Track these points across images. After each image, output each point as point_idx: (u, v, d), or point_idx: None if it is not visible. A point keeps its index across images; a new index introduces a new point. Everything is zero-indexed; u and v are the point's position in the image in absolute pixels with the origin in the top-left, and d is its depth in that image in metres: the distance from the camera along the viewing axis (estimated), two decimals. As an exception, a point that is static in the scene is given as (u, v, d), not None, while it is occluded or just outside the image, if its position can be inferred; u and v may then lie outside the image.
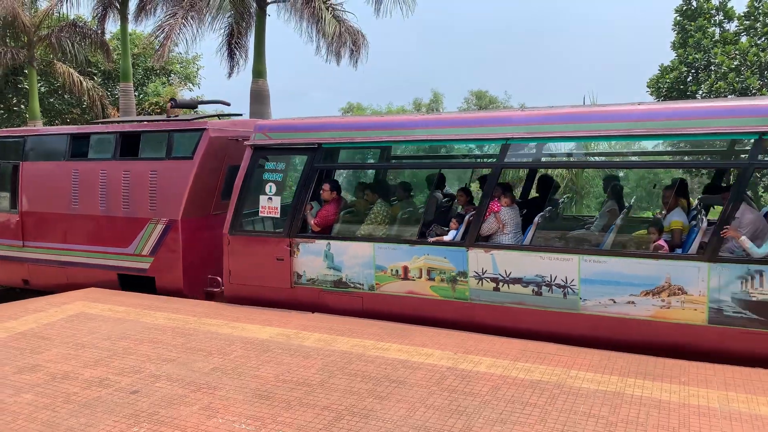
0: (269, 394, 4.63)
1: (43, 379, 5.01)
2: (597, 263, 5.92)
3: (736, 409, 4.26)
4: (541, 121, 6.41)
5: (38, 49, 20.73)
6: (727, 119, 5.66)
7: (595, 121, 6.19)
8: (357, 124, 7.69)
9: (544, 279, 6.10)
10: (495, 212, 6.54)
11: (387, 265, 6.81)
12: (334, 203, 7.41)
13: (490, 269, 6.34)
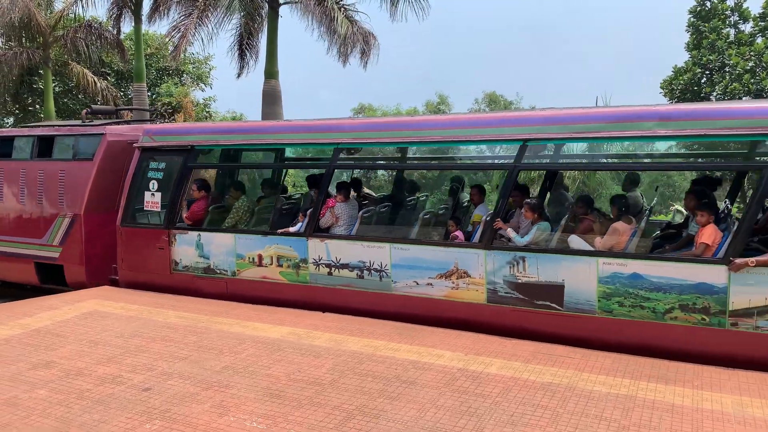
0: (280, 392, 4.65)
1: (57, 376, 5.06)
2: (403, 250, 6.81)
3: (750, 414, 4.22)
4: (364, 128, 7.63)
5: (53, 50, 20.97)
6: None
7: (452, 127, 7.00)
8: (221, 128, 8.90)
9: (365, 264, 6.99)
10: (330, 207, 7.50)
11: (245, 254, 7.73)
12: (203, 200, 8.37)
13: (325, 256, 7.25)
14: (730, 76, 19.51)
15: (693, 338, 5.49)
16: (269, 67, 17.31)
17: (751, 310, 5.29)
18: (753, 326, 5.27)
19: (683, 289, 5.54)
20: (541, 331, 6.03)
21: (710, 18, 20.71)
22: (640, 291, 5.71)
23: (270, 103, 17.28)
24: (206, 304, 7.41)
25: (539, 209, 6.61)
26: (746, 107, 5.89)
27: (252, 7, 16.30)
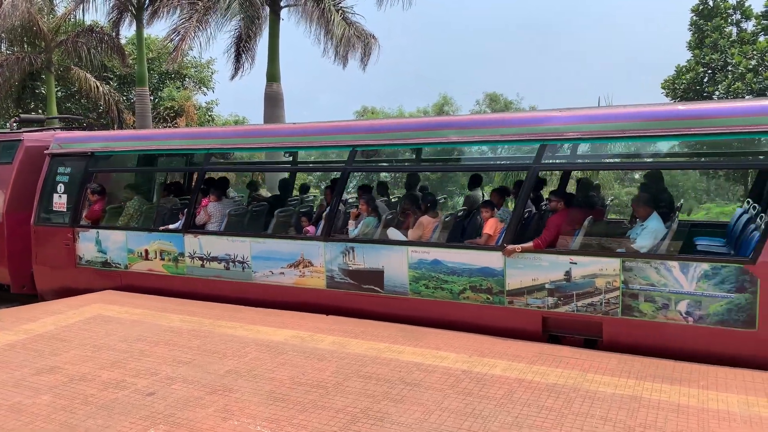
0: (284, 396, 4.64)
1: (61, 381, 5.06)
2: (261, 244, 7.67)
3: (756, 413, 4.20)
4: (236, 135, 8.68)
5: (55, 55, 21.03)
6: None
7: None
8: (116, 136, 10.08)
9: (230, 257, 7.82)
10: (204, 207, 8.31)
11: (135, 249, 8.60)
12: (100, 202, 9.17)
13: (198, 250, 8.09)
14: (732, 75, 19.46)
15: (482, 314, 6.39)
16: (271, 69, 17.33)
17: (522, 290, 6.24)
18: (524, 303, 6.23)
19: (472, 273, 6.45)
20: (369, 311, 6.90)
21: (713, 16, 20.66)
22: (440, 275, 6.59)
23: (272, 105, 17.30)
24: (210, 307, 7.41)
25: (370, 204, 7.54)
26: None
27: (251, 11, 16.31)
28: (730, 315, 5.41)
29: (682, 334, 5.60)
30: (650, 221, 6.05)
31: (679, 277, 5.60)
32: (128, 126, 23.31)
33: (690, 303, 5.57)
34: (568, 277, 6.03)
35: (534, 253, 6.15)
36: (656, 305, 5.69)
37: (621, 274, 5.80)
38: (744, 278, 5.33)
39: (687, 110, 6.00)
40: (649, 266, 5.70)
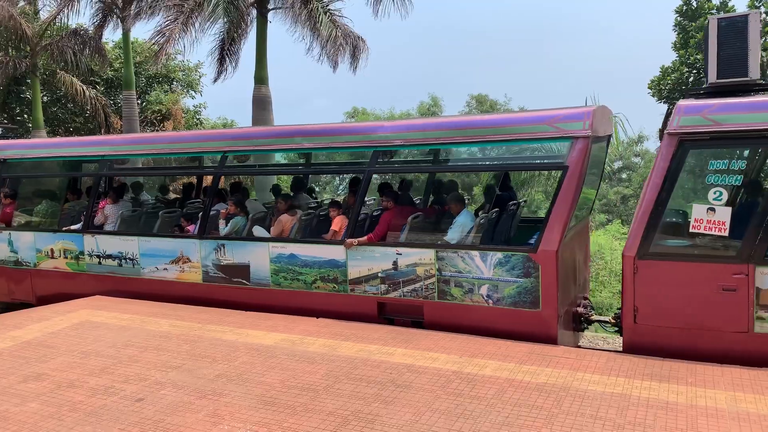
0: (275, 400, 4.62)
1: (49, 388, 5.01)
2: (147, 242, 8.37)
3: (744, 410, 4.24)
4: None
5: (41, 59, 20.83)
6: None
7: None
8: (26, 144, 11.00)
9: (122, 254, 8.54)
10: (101, 208, 9.03)
11: (42, 248, 9.28)
12: (11, 205, 9.82)
13: (96, 249, 8.79)
14: (717, 74, 19.65)
15: (330, 301, 7.10)
16: (259, 72, 17.26)
17: (361, 279, 6.97)
18: (363, 291, 6.96)
19: (321, 265, 7.17)
20: (239, 302, 7.58)
21: (696, 17, 20.87)
22: (296, 267, 7.32)
23: (260, 108, 17.23)
24: (199, 312, 7.37)
25: (239, 205, 8.12)
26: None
27: (236, 14, 16.24)
28: (520, 297, 6.17)
29: (485, 314, 6.33)
30: (460, 216, 6.82)
31: (480, 265, 6.34)
32: (116, 130, 23.14)
33: (489, 287, 6.32)
34: (395, 267, 6.78)
35: (368, 246, 6.91)
36: (464, 290, 6.45)
37: (436, 262, 6.55)
38: (529, 265, 6.08)
39: (483, 120, 7.02)
40: (457, 255, 6.45)
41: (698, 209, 5.44)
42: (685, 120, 5.53)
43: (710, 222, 5.40)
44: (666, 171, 5.55)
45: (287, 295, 7.36)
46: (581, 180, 6.13)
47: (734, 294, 5.29)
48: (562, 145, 6.44)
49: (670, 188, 5.57)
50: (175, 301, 7.87)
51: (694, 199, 5.63)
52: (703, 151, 5.61)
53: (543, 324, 6.05)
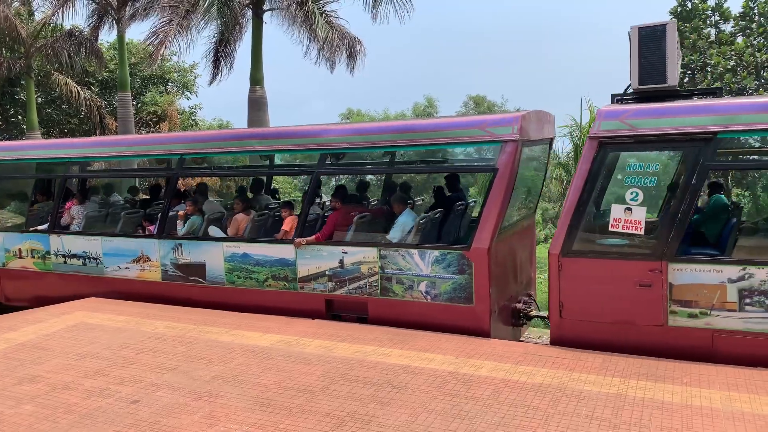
0: (271, 401, 4.62)
1: (44, 390, 4.99)
2: (110, 242, 8.69)
3: (738, 409, 4.25)
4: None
5: (35, 60, 20.76)
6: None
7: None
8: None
9: (86, 254, 8.80)
10: (68, 209, 9.22)
11: (11, 248, 9.53)
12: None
13: (61, 248, 9.04)
14: (711, 75, 19.73)
15: (281, 299, 7.34)
16: (254, 73, 17.24)
17: (310, 277, 7.22)
18: (312, 288, 7.21)
19: (273, 264, 7.42)
20: (196, 299, 7.83)
21: (691, 18, 20.94)
22: (249, 266, 7.55)
23: (256, 109, 17.21)
24: (195, 313, 7.35)
25: (195, 205, 8.34)
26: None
27: (230, 15, 16.20)
28: (455, 293, 6.44)
29: (424, 309, 6.60)
30: (401, 216, 7.07)
31: (419, 263, 6.61)
32: (111, 131, 23.07)
33: (428, 284, 6.59)
34: (341, 265, 7.03)
35: (316, 245, 7.16)
36: (404, 286, 6.71)
37: (379, 261, 6.81)
38: (463, 262, 6.36)
39: (421, 124, 7.22)
40: (398, 254, 6.74)
41: (616, 209, 5.69)
42: (605, 124, 5.78)
43: (627, 221, 5.65)
44: (587, 173, 5.79)
45: (241, 293, 7.62)
46: (511, 181, 6.39)
47: (650, 290, 5.53)
48: (493, 148, 6.67)
49: (591, 189, 5.80)
50: (136, 299, 8.16)
51: (615, 199, 5.81)
52: (621, 153, 5.87)
53: (476, 318, 6.32)
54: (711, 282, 5.35)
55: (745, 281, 5.26)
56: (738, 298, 5.29)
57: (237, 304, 7.53)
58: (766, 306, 5.21)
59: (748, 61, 19.12)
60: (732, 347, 5.32)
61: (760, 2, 20.06)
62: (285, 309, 7.23)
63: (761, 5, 19.93)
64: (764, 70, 19.57)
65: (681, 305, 5.47)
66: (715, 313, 5.36)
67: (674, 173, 6.58)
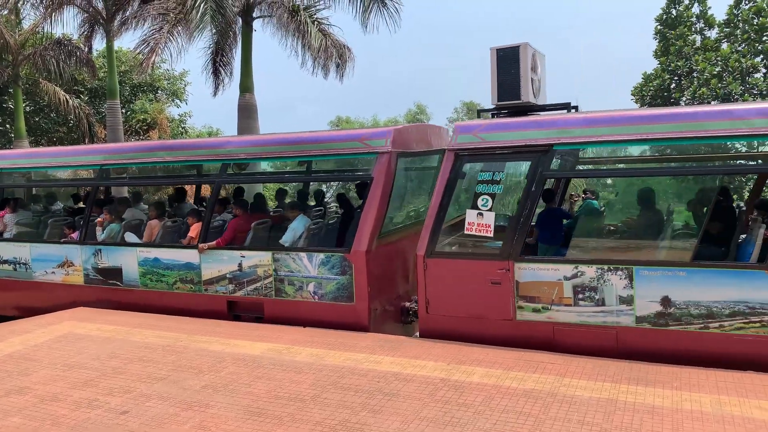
0: (261, 410, 4.59)
1: (31, 402, 4.93)
2: (37, 248, 9.16)
3: (728, 413, 4.28)
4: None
5: (23, 69, 20.63)
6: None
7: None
8: None
9: (17, 259, 9.30)
10: (1, 218, 9.73)
11: None
12: None
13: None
14: (698, 81, 19.95)
15: (189, 301, 7.83)
16: (244, 81, 17.22)
17: (213, 279, 7.70)
18: (215, 290, 7.68)
19: (180, 267, 7.90)
20: (115, 301, 8.34)
21: (676, 25, 21.19)
22: (159, 269, 8.05)
23: (246, 116, 17.17)
24: (186, 322, 7.30)
25: (113, 213, 8.88)
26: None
27: (224, 24, 16.21)
28: (339, 292, 6.94)
29: (313, 308, 7.10)
30: (294, 222, 7.57)
31: (308, 265, 7.12)
32: (100, 139, 22.94)
33: (315, 284, 7.08)
34: (240, 268, 7.53)
35: (218, 250, 7.66)
36: (295, 287, 7.21)
37: (272, 264, 7.30)
38: (345, 264, 6.86)
39: (309, 136, 7.71)
40: (289, 257, 7.23)
41: (470, 214, 6.32)
42: (461, 138, 6.45)
43: (479, 225, 6.27)
44: (446, 182, 6.40)
45: (153, 295, 8.10)
46: (386, 189, 6.92)
47: (500, 287, 6.11)
48: (370, 159, 7.19)
49: (449, 196, 6.39)
50: (60, 301, 8.66)
51: (470, 205, 6.40)
52: (474, 164, 6.45)
53: (357, 316, 6.83)
54: (550, 279, 5.92)
55: (577, 278, 5.82)
56: (573, 294, 5.85)
57: (151, 306, 8.02)
58: (596, 300, 5.77)
59: (734, 66, 19.37)
60: (569, 338, 5.87)
61: (743, 9, 20.34)
62: (192, 310, 7.70)
63: (745, 12, 20.21)
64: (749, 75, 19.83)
65: (526, 301, 6.03)
66: (554, 307, 5.93)
67: (519, 181, 7.08)
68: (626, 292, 5.67)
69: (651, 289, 5.60)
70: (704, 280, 5.43)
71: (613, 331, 5.74)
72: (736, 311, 5.34)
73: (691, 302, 5.47)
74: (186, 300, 7.84)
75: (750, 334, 5.29)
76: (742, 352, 5.31)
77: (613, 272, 5.72)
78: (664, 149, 7.28)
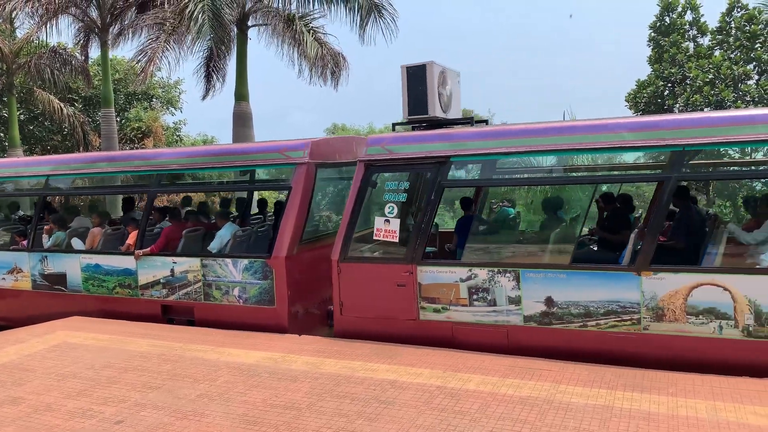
0: (257, 419, 4.57)
1: (25, 412, 4.90)
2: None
3: (724, 419, 4.28)
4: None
5: (17, 77, 20.60)
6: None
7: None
8: None
9: None
10: None
11: None
12: None
13: None
14: (690, 88, 20.08)
15: (127, 305, 8.18)
16: (239, 89, 17.25)
17: (148, 284, 8.08)
18: (150, 295, 8.09)
19: (119, 273, 8.30)
20: (60, 306, 8.60)
21: (670, 32, 21.33)
22: (100, 275, 8.42)
23: (241, 125, 17.19)
24: (180, 331, 7.28)
25: (58, 222, 9.18)
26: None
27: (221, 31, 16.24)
28: (261, 296, 7.32)
29: (238, 312, 7.45)
30: (221, 229, 7.93)
31: (233, 270, 7.48)
32: (95, 148, 22.88)
33: (240, 289, 7.46)
34: (172, 274, 7.89)
35: (152, 256, 8.01)
36: (222, 291, 7.58)
37: (201, 269, 7.70)
38: (266, 269, 7.24)
39: (234, 148, 8.56)
40: (216, 263, 7.62)
41: (378, 220, 6.72)
42: (370, 150, 6.85)
43: (387, 231, 6.66)
44: (357, 191, 6.79)
45: (95, 300, 8.47)
46: (305, 198, 7.30)
47: (405, 289, 6.49)
48: (290, 170, 7.58)
49: (360, 204, 6.78)
50: (12, 307, 9.18)
51: (378, 212, 6.79)
52: (382, 174, 6.86)
53: (277, 318, 7.21)
54: (448, 281, 6.32)
55: (472, 280, 6.21)
56: (468, 295, 6.23)
57: (93, 310, 8.37)
58: (488, 301, 6.16)
59: (726, 74, 19.50)
60: (466, 337, 6.25)
61: (736, 17, 20.51)
62: (130, 314, 8.04)
63: (737, 20, 20.38)
64: (741, 82, 19.97)
65: (428, 302, 6.42)
66: (452, 308, 6.32)
67: (421, 190, 7.41)
68: (514, 293, 6.08)
69: (536, 291, 5.99)
70: (581, 281, 5.83)
71: (504, 330, 6.14)
72: (609, 310, 5.73)
73: (571, 302, 5.86)
74: (124, 304, 8.21)
75: (622, 332, 5.69)
76: (615, 348, 5.68)
77: (502, 274, 6.11)
78: (570, 159, 7.65)
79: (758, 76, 20.31)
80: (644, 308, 5.60)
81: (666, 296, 5.52)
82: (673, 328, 5.51)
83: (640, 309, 5.61)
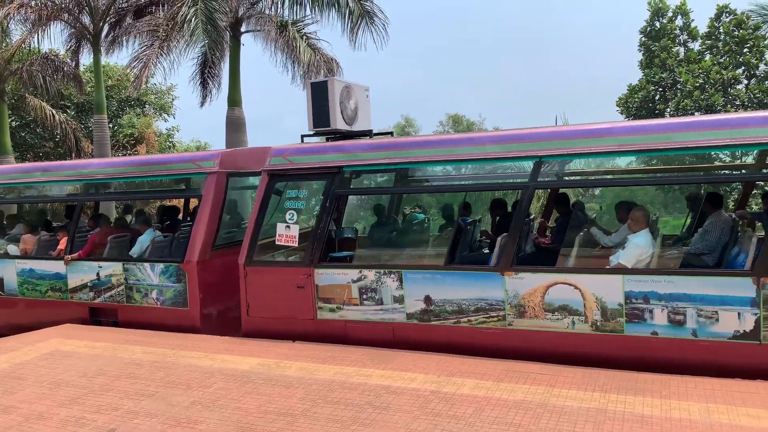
0: (251, 425, 4.55)
1: (17, 421, 4.86)
2: None
3: (717, 420, 4.31)
4: None
5: (9, 84, 20.51)
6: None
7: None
8: None
9: None
10: None
11: None
12: None
13: None
14: (681, 92, 20.23)
15: (57, 308, 8.53)
16: (232, 94, 17.23)
17: (77, 288, 8.46)
18: (79, 298, 8.46)
19: (51, 277, 8.71)
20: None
21: (660, 37, 21.50)
22: (34, 279, 8.86)
23: (234, 130, 17.16)
24: (174, 338, 7.24)
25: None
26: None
27: (216, 36, 16.25)
28: (176, 299, 7.74)
29: (157, 313, 7.87)
30: (142, 235, 8.30)
31: (151, 274, 7.92)
32: (87, 154, 22.79)
33: (158, 291, 7.88)
34: (98, 277, 8.29)
35: (80, 261, 8.39)
36: (142, 294, 8.01)
37: (123, 273, 8.12)
38: (180, 273, 7.67)
39: (152, 159, 9.25)
40: (136, 267, 8.04)
41: (280, 226, 7.11)
42: (273, 160, 7.25)
43: (287, 236, 7.08)
44: (262, 199, 7.16)
45: (30, 303, 8.88)
46: (216, 205, 7.72)
47: (304, 290, 6.87)
48: (201, 179, 8.01)
49: (264, 211, 7.14)
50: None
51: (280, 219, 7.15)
52: (283, 183, 7.23)
53: (190, 319, 7.62)
54: (341, 283, 6.72)
55: (362, 281, 6.62)
56: (359, 295, 6.64)
57: (27, 314, 8.83)
58: (376, 300, 6.57)
59: (715, 78, 19.66)
60: (357, 333, 6.65)
61: (724, 22, 20.69)
62: (61, 320, 8.30)
63: (726, 25, 20.56)
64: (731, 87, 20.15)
65: (324, 302, 6.81)
66: (346, 307, 6.72)
67: (318, 198, 7.74)
68: (398, 292, 6.50)
69: (417, 290, 6.42)
70: (455, 281, 6.28)
71: (390, 327, 6.55)
72: (479, 308, 6.16)
73: (446, 300, 6.29)
74: (55, 307, 8.58)
75: (490, 327, 6.12)
76: (486, 343, 6.10)
77: (388, 275, 6.52)
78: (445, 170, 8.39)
79: (747, 81, 20.50)
80: (508, 305, 6.05)
81: (526, 294, 5.96)
82: (534, 323, 5.97)
83: (504, 306, 6.06)
